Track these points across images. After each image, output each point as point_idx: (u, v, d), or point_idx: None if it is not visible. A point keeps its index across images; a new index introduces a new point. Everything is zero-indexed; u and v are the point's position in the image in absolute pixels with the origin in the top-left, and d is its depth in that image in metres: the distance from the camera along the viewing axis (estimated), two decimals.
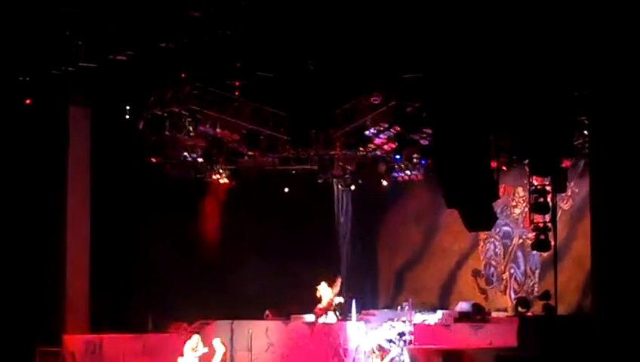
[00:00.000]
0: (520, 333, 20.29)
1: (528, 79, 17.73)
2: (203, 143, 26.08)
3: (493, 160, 22.96)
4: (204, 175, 27.68)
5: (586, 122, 21.05)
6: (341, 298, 26.34)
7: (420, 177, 27.78)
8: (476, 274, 28.12)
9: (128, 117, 24.90)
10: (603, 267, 17.81)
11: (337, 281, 26.33)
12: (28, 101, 23.73)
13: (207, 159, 26.95)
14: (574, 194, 25.55)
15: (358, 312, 26.27)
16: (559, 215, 24.25)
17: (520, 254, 27.19)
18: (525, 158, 21.89)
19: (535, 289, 26.47)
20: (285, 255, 27.88)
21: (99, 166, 25.33)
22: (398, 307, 27.12)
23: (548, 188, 22.28)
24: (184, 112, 24.38)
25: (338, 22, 19.80)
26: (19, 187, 24.65)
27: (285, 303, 26.98)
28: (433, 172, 25.11)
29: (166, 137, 25.37)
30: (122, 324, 24.59)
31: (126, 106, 24.84)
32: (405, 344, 24.60)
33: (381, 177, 28.05)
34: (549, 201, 22.33)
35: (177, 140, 25.73)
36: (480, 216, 19.82)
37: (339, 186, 29.50)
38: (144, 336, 24.67)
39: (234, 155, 26.75)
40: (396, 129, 24.87)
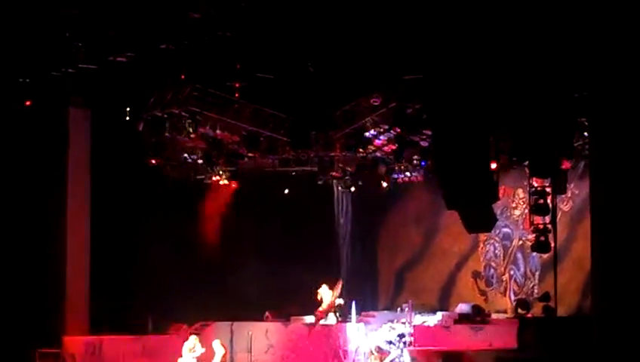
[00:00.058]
0: (520, 335, 20.32)
1: (528, 80, 17.73)
2: (203, 145, 26.08)
3: (493, 161, 23.02)
4: (204, 176, 27.69)
5: (586, 123, 21.05)
6: (341, 299, 26.33)
7: (420, 179, 27.79)
8: (476, 275, 28.12)
9: (128, 118, 24.89)
10: (603, 268, 17.82)
11: (338, 284, 26.32)
12: (28, 102, 23.74)
13: (207, 161, 26.95)
14: (574, 195, 25.55)
15: (358, 314, 26.26)
16: (559, 216, 24.25)
17: (520, 256, 27.18)
18: (525, 160, 21.89)
19: (535, 290, 26.47)
20: (285, 256, 27.88)
21: (99, 167, 25.34)
22: (398, 308, 27.14)
23: (548, 189, 22.28)
24: (184, 114, 24.37)
25: (338, 23, 19.81)
26: (19, 188, 24.66)
27: (285, 305, 26.97)
28: (433, 173, 25.15)
29: (166, 139, 25.38)
30: (122, 326, 24.58)
31: (126, 108, 24.84)
32: (405, 345, 24.59)
33: (381, 179, 28.07)
34: (549, 203, 22.34)
35: (177, 142, 25.74)
36: (480, 218, 19.83)
37: (339, 188, 29.50)
38: (144, 338, 24.68)
39: (234, 157, 26.74)
40: (396, 130, 24.87)
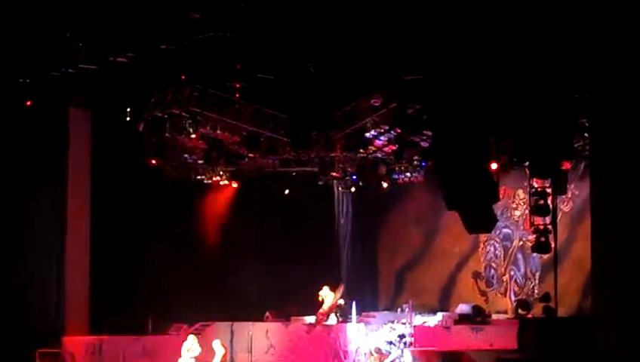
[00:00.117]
0: (520, 335, 20.29)
1: (529, 81, 17.73)
2: (203, 145, 26.07)
3: (493, 162, 23.02)
4: (204, 177, 27.69)
5: (587, 124, 21.05)
6: (342, 300, 26.32)
7: (421, 179, 27.80)
8: (476, 276, 28.12)
9: (129, 119, 24.87)
10: (603, 269, 17.82)
11: (340, 288, 26.31)
12: (28, 103, 23.72)
13: (207, 161, 26.97)
14: (575, 196, 25.55)
15: (359, 314, 26.25)
16: (559, 217, 24.24)
17: (520, 256, 27.18)
18: (525, 160, 21.89)
19: (535, 291, 26.47)
20: (285, 257, 27.91)
21: (99, 168, 25.34)
22: (399, 309, 27.15)
23: (548, 190, 22.28)
24: (184, 114, 24.35)
25: (338, 24, 19.80)
26: (19, 188, 24.65)
27: (285, 305, 26.98)
28: (433, 174, 25.14)
29: (166, 139, 25.37)
30: (122, 326, 24.57)
31: (126, 108, 24.81)
32: (405, 346, 24.59)
33: (381, 179, 28.08)
34: (550, 203, 22.33)
35: (178, 142, 25.74)
36: (480, 218, 19.81)
37: (339, 188, 29.53)
38: (144, 338, 24.67)
39: (234, 157, 26.74)
40: (397, 131, 24.87)
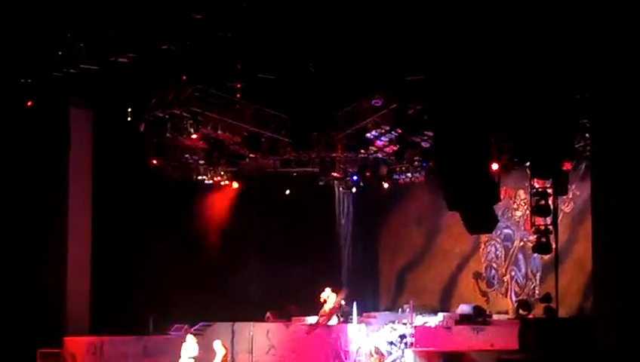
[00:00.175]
0: (521, 336, 20.31)
1: (530, 82, 17.73)
2: (204, 145, 26.08)
3: (494, 162, 23.03)
4: (205, 177, 27.69)
5: (588, 125, 21.05)
6: (344, 302, 26.30)
7: (421, 179, 27.81)
8: (477, 276, 28.12)
9: (130, 119, 24.88)
10: (604, 269, 17.83)
11: (343, 293, 26.30)
12: (29, 103, 23.72)
13: (208, 161, 26.98)
14: (575, 196, 25.54)
15: (359, 314, 26.26)
16: (560, 217, 24.24)
17: (521, 257, 27.18)
18: (526, 161, 21.90)
19: (536, 291, 26.47)
20: (286, 257, 27.92)
21: (100, 168, 25.34)
22: (399, 309, 27.13)
23: (549, 190, 22.28)
24: (185, 114, 24.36)
25: (339, 24, 19.81)
26: (20, 188, 24.65)
27: (286, 305, 26.99)
28: (434, 174, 25.15)
29: (167, 139, 25.38)
30: (123, 326, 24.56)
31: (127, 108, 24.83)
32: (406, 346, 24.59)
33: (382, 179, 28.09)
34: (550, 204, 22.34)
35: (179, 142, 25.74)
36: (481, 219, 19.81)
37: (340, 188, 29.53)
38: (145, 338, 24.66)
39: (235, 157, 26.75)
40: (397, 131, 24.87)
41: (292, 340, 25.39)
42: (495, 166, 23.40)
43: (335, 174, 27.87)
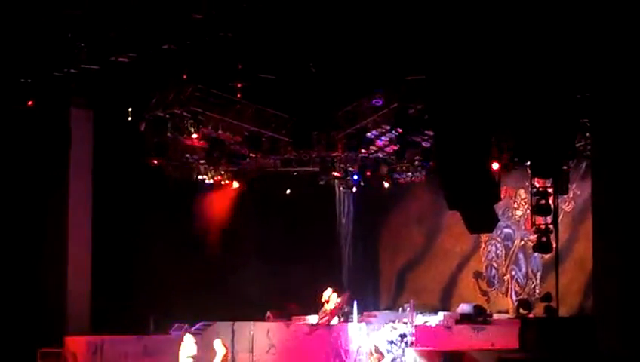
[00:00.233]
0: (521, 335, 20.31)
1: (530, 81, 17.74)
2: (205, 145, 26.08)
3: (494, 161, 23.04)
4: (205, 177, 27.70)
5: (588, 124, 21.05)
6: (345, 305, 26.31)
7: (422, 179, 27.81)
8: (478, 275, 28.13)
9: (130, 119, 24.88)
10: (604, 269, 17.83)
11: (345, 295, 26.30)
12: (30, 103, 23.72)
13: (208, 161, 26.99)
14: (576, 196, 25.54)
15: (360, 313, 26.28)
16: (561, 217, 24.24)
17: (521, 256, 27.19)
18: (527, 160, 21.91)
19: (536, 291, 26.48)
20: (287, 256, 27.92)
21: (101, 168, 25.34)
22: (400, 308, 27.15)
23: (550, 190, 22.29)
24: (186, 114, 24.35)
25: (340, 24, 19.81)
26: (21, 188, 24.66)
27: (287, 304, 26.99)
28: (435, 174, 25.15)
29: (168, 139, 25.37)
30: (124, 325, 24.55)
31: (128, 108, 24.82)
32: (406, 345, 24.60)
33: (383, 179, 28.09)
34: (551, 203, 22.35)
35: (179, 142, 25.74)
36: (482, 218, 19.82)
37: (340, 188, 29.54)
38: (146, 337, 24.65)
39: (236, 157, 26.74)
40: (398, 131, 24.88)
41: (292, 339, 25.40)
42: (495, 165, 23.43)
43: (335, 174, 27.89)
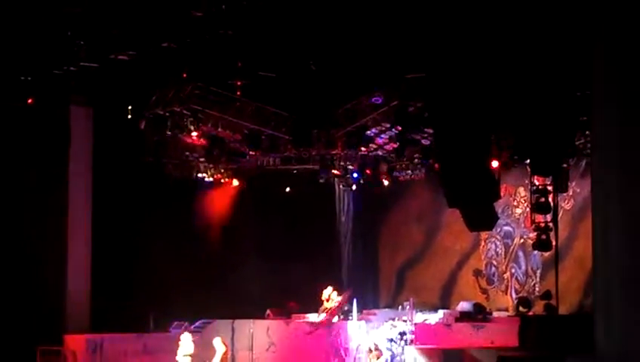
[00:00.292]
0: (521, 333, 20.34)
1: (530, 79, 17.74)
2: (205, 143, 26.08)
3: (494, 159, 23.04)
4: (205, 175, 27.70)
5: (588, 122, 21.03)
6: (345, 303, 26.33)
7: (422, 177, 27.82)
8: (477, 273, 28.15)
9: (130, 116, 24.89)
10: (604, 267, 17.81)
11: (346, 294, 26.30)
12: (30, 100, 23.72)
13: (208, 159, 26.99)
14: (576, 193, 25.56)
15: (359, 311, 26.29)
16: (560, 215, 24.27)
17: (521, 254, 27.21)
18: (527, 158, 21.91)
19: (536, 289, 26.50)
20: (286, 254, 27.93)
21: (100, 165, 25.33)
22: (399, 306, 27.16)
23: (549, 187, 22.32)
24: (186, 112, 24.36)
25: (340, 22, 19.81)
26: (20, 186, 24.65)
27: (286, 302, 27.00)
28: (435, 171, 25.17)
29: (168, 137, 25.38)
30: (123, 323, 24.54)
31: (128, 106, 24.84)
32: (406, 343, 24.62)
33: (382, 177, 28.10)
34: (551, 201, 22.37)
35: (179, 140, 25.74)
36: (481, 216, 19.84)
37: (340, 186, 29.55)
38: (145, 336, 24.65)
39: (235, 155, 26.77)
40: (398, 129, 24.89)
41: (292, 337, 25.39)
42: (495, 163, 23.44)
43: (335, 172, 27.91)
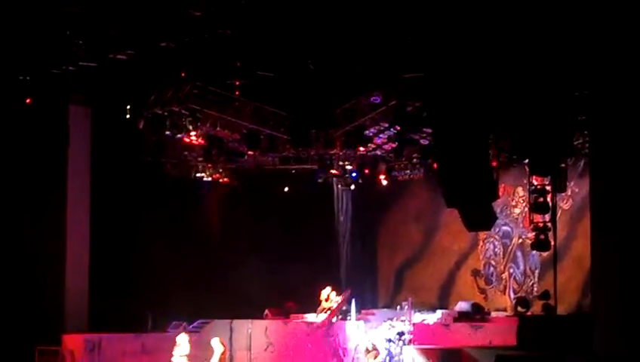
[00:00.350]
0: (519, 333, 20.33)
1: (528, 79, 17.74)
2: (203, 143, 26.07)
3: (493, 159, 23.03)
4: (204, 174, 27.70)
5: (586, 122, 21.04)
6: (344, 303, 26.33)
7: (420, 176, 27.83)
8: (476, 273, 28.15)
9: (128, 116, 24.86)
10: (602, 267, 17.83)
11: (346, 293, 26.29)
12: (28, 100, 23.69)
13: (207, 158, 26.98)
14: (574, 193, 25.57)
15: (358, 311, 26.29)
16: (559, 215, 24.26)
17: (519, 254, 27.21)
18: (525, 158, 21.90)
19: (534, 289, 26.50)
20: (285, 254, 27.93)
21: (99, 165, 25.30)
22: (398, 306, 27.17)
23: (548, 187, 22.31)
24: (184, 112, 24.35)
25: (338, 21, 19.80)
26: (19, 186, 24.64)
27: (285, 302, 26.99)
28: (433, 171, 25.17)
29: (166, 137, 25.36)
30: (122, 323, 24.52)
31: (126, 106, 24.81)
32: (405, 343, 24.61)
33: (381, 176, 28.10)
34: (549, 201, 22.36)
35: (177, 140, 25.73)
36: (480, 216, 19.83)
37: (339, 186, 29.55)
38: (143, 335, 24.61)
39: (234, 155, 26.78)
40: (396, 128, 24.89)
41: (290, 338, 25.40)
42: (494, 163, 23.42)
43: (334, 171, 27.91)
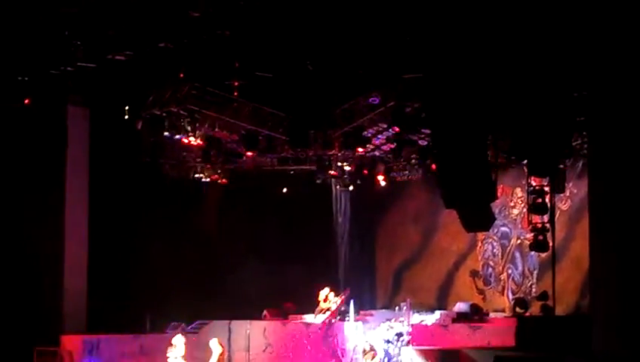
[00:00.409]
0: (518, 334, 20.33)
1: (527, 80, 17.74)
2: (202, 143, 26.06)
3: (491, 160, 23.03)
4: (202, 175, 27.70)
5: (585, 123, 21.04)
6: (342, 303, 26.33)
7: (419, 177, 27.83)
8: (474, 274, 28.16)
9: (127, 117, 24.85)
10: (601, 268, 17.83)
11: (346, 292, 26.29)
12: (27, 101, 23.68)
13: (205, 159, 26.97)
14: (573, 194, 25.59)
15: (356, 312, 26.27)
16: (557, 215, 24.26)
17: (518, 255, 27.22)
18: (524, 159, 21.91)
19: (533, 289, 26.52)
20: (283, 255, 27.93)
21: (97, 166, 25.29)
22: (396, 307, 27.17)
23: (546, 188, 22.32)
24: (183, 112, 24.35)
25: (337, 22, 19.80)
26: (18, 186, 24.62)
27: (283, 303, 26.98)
28: (432, 172, 25.17)
29: (165, 137, 25.35)
30: (120, 324, 24.53)
31: (125, 106, 24.80)
32: (403, 344, 24.60)
33: (379, 177, 28.10)
34: (548, 202, 22.37)
35: (176, 140, 25.71)
36: (478, 217, 19.83)
37: (337, 186, 29.55)
38: (142, 336, 24.61)
39: (232, 155, 26.77)
40: (395, 129, 24.89)
41: (289, 338, 25.38)
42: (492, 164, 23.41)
43: (332, 172, 27.90)
